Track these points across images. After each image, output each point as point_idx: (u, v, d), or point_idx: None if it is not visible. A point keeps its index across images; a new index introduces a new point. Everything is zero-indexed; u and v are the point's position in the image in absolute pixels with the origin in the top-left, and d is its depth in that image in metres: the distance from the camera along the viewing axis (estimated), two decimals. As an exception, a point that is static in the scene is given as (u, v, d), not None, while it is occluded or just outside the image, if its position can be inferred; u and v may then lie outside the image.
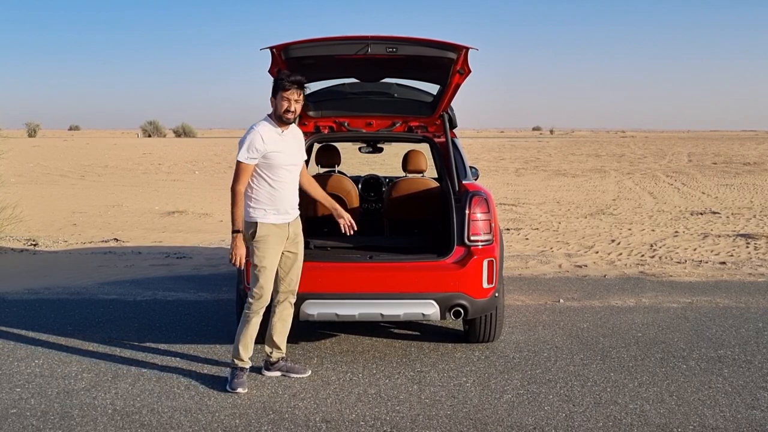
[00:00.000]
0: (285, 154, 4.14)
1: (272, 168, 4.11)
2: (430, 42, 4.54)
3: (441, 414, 3.80)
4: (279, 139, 4.14)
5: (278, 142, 4.12)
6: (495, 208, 4.78)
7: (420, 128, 5.45)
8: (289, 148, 4.19)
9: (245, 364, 4.20)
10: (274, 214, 4.15)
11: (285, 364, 4.38)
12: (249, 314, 4.17)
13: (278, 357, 4.37)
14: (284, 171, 4.16)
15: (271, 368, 4.37)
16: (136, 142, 55.65)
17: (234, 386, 4.11)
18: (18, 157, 24.98)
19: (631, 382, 4.27)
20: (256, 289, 4.14)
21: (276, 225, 4.15)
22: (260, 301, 4.15)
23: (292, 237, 4.25)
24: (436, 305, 4.40)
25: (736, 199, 15.11)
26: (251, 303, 4.16)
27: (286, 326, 4.37)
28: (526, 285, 6.98)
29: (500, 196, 15.44)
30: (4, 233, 9.64)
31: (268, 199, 4.13)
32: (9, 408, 3.87)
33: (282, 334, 4.36)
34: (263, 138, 4.06)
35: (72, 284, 6.97)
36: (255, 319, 4.19)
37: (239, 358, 4.18)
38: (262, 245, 4.11)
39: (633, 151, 39.07)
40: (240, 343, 4.18)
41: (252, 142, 4.05)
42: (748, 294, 6.61)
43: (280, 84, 4.10)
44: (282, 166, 4.14)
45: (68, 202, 14.69)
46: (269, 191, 4.13)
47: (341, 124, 5.43)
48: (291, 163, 4.20)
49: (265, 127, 4.13)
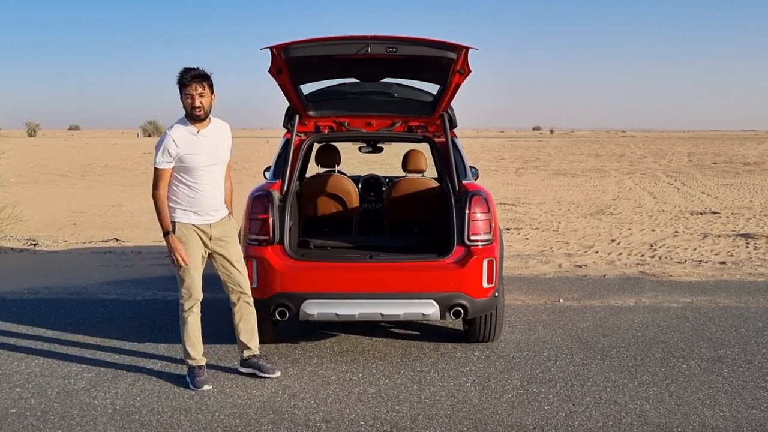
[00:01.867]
0: (201, 155, 4.08)
1: (189, 170, 4.08)
2: (430, 42, 4.53)
3: (441, 414, 3.80)
4: (194, 139, 4.08)
5: (193, 144, 4.07)
6: (495, 207, 4.78)
7: (420, 128, 5.46)
8: (206, 148, 4.11)
9: (200, 362, 4.23)
10: (194, 214, 4.14)
11: (256, 361, 4.38)
12: (184, 315, 4.21)
13: (249, 355, 4.40)
14: (201, 172, 4.11)
15: (242, 365, 4.41)
16: (136, 141, 55.64)
17: (197, 384, 4.14)
18: (18, 157, 24.97)
19: (631, 381, 4.27)
20: (183, 289, 4.17)
21: (195, 226, 4.14)
22: (190, 300, 4.18)
23: (216, 238, 4.21)
24: (436, 305, 4.40)
25: (736, 199, 15.11)
26: (182, 303, 4.19)
27: (250, 325, 4.37)
28: (526, 285, 6.98)
29: (500, 196, 15.44)
30: (4, 233, 9.64)
31: (186, 201, 4.12)
32: (9, 408, 3.87)
33: (248, 333, 4.37)
34: (176, 142, 4.02)
35: (72, 284, 6.97)
36: (191, 318, 4.21)
37: (191, 357, 4.22)
38: (183, 245, 4.11)
39: (633, 151, 39.08)
40: (186, 344, 4.22)
41: (166, 147, 4.01)
42: (748, 294, 6.61)
43: (180, 81, 4.04)
44: (199, 167, 4.09)
45: (68, 202, 14.69)
46: (187, 193, 4.11)
47: (341, 124, 5.43)
48: (209, 163, 4.13)
49: (179, 130, 4.08)
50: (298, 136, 5.26)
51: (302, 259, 4.61)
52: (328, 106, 5.47)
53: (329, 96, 5.49)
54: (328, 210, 5.66)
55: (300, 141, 5.22)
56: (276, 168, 5.11)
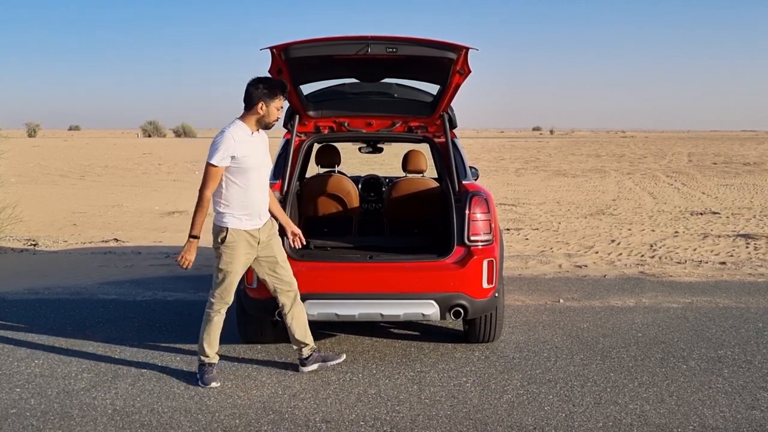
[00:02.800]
0: (254, 156, 4.12)
1: (242, 171, 4.08)
2: (430, 42, 4.53)
3: (441, 414, 3.80)
4: (249, 140, 4.12)
5: (248, 145, 4.10)
6: (495, 208, 4.78)
7: (420, 128, 5.46)
8: (258, 150, 4.17)
9: (212, 360, 4.25)
10: (247, 219, 4.13)
11: (319, 354, 4.42)
12: (211, 313, 4.21)
13: (310, 351, 4.40)
14: (253, 174, 4.13)
15: (307, 363, 4.41)
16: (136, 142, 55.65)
17: (206, 381, 4.15)
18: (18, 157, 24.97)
19: (631, 382, 4.27)
20: (219, 291, 4.17)
21: (248, 232, 4.14)
22: (222, 301, 4.20)
23: (264, 243, 4.22)
24: (436, 305, 4.40)
25: (736, 199, 15.11)
26: (213, 303, 4.20)
27: (302, 323, 4.38)
28: (526, 285, 6.98)
29: (500, 196, 15.44)
30: (4, 233, 9.64)
31: (239, 204, 4.10)
32: (9, 408, 3.87)
33: (302, 330, 4.37)
34: (235, 140, 4.03)
35: (72, 284, 6.97)
36: (217, 318, 4.22)
37: (205, 354, 4.23)
38: (231, 251, 4.10)
39: (633, 151, 39.08)
40: (204, 340, 4.22)
41: (225, 145, 4.00)
42: (748, 294, 6.61)
43: (278, 91, 4.10)
44: (252, 168, 4.11)
45: (68, 202, 14.69)
46: (240, 196, 4.10)
47: (341, 124, 5.43)
48: (259, 164, 4.17)
49: (237, 130, 4.09)
50: (298, 136, 5.26)
51: (302, 259, 4.61)
52: (328, 107, 5.47)
53: (329, 96, 5.49)
54: (328, 210, 5.67)
55: (300, 141, 5.22)
56: (276, 168, 5.11)
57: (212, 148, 4.03)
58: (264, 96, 4.08)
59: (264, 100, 4.08)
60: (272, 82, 4.15)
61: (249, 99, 4.10)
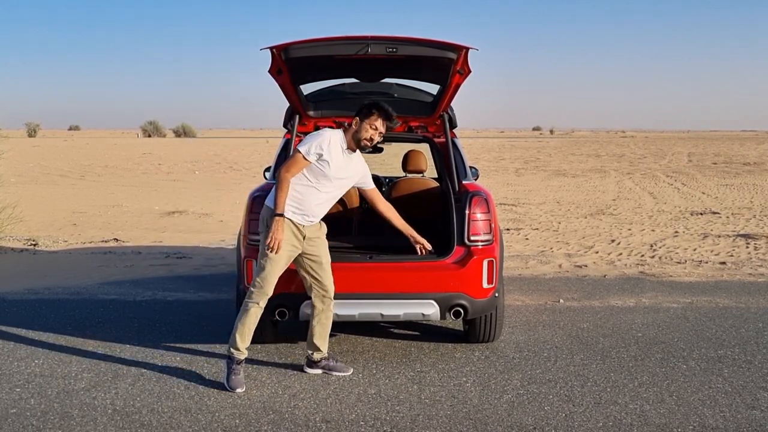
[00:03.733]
0: (338, 169, 4.18)
1: (318, 175, 4.15)
2: (430, 42, 4.53)
3: (441, 414, 3.80)
4: (340, 152, 4.20)
5: (337, 155, 4.18)
6: (495, 208, 4.78)
7: (420, 128, 5.45)
8: (344, 165, 4.24)
9: (241, 355, 4.19)
10: (294, 213, 4.16)
11: (327, 363, 4.41)
12: (249, 303, 4.17)
13: (320, 357, 4.39)
14: (326, 183, 4.19)
15: (314, 366, 4.40)
16: (136, 142, 55.66)
17: (233, 385, 4.10)
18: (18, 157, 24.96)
19: (631, 382, 4.27)
20: (259, 278, 4.13)
21: (294, 223, 4.16)
22: (261, 291, 4.14)
23: (309, 238, 4.24)
24: (436, 305, 4.40)
25: (736, 199, 15.11)
26: (252, 291, 4.16)
27: (325, 329, 4.37)
28: (526, 285, 6.98)
29: (500, 196, 15.44)
30: (4, 233, 9.64)
31: (295, 198, 4.15)
32: (9, 408, 3.87)
33: (322, 336, 4.36)
34: (330, 143, 4.14)
35: (72, 284, 6.97)
36: (254, 309, 4.17)
37: (236, 347, 4.17)
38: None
39: (633, 151, 39.09)
40: (237, 331, 4.17)
41: (320, 142, 4.12)
42: (748, 294, 6.61)
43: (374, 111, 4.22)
44: (329, 177, 4.17)
45: (68, 202, 14.69)
46: (301, 190, 4.15)
47: (341, 124, 5.42)
48: (337, 178, 4.22)
49: (336, 137, 4.21)
50: (298, 136, 5.26)
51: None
52: (328, 107, 5.47)
53: (329, 96, 5.48)
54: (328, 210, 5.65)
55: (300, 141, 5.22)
56: (276, 168, 5.11)
57: (307, 139, 4.17)
58: (360, 113, 4.25)
59: (359, 116, 4.25)
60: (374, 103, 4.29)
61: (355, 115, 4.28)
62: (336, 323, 4.97)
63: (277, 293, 4.40)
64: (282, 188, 4.09)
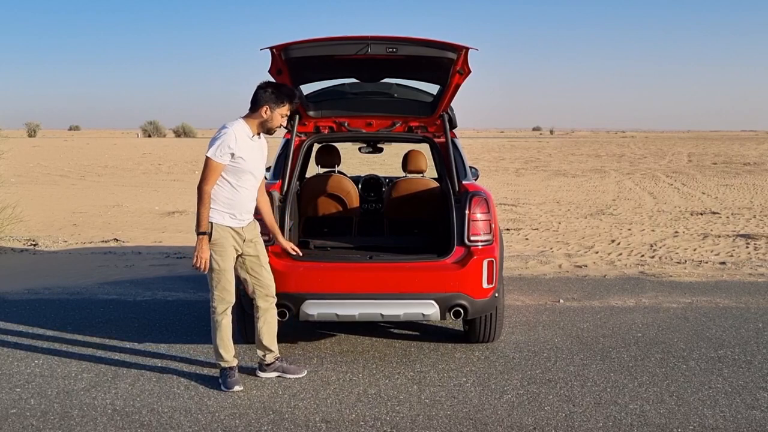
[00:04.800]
0: (251, 159, 4.09)
1: (237, 172, 4.04)
2: (430, 42, 4.53)
3: (441, 414, 3.80)
4: (249, 142, 4.08)
5: (247, 146, 4.06)
6: (495, 208, 4.77)
7: (420, 128, 5.45)
8: (256, 154, 4.15)
9: (232, 363, 4.20)
10: (230, 218, 4.09)
11: (281, 364, 4.37)
12: (216, 318, 4.14)
13: (273, 359, 4.36)
14: (249, 175, 4.11)
15: (267, 369, 4.36)
16: (136, 142, 55.64)
17: (229, 385, 4.11)
18: (18, 157, 24.97)
19: (631, 382, 4.27)
20: (217, 292, 4.11)
21: (232, 228, 4.10)
22: (223, 303, 4.13)
23: (249, 239, 4.20)
24: (436, 305, 4.39)
25: (736, 200, 15.11)
26: (216, 307, 4.12)
27: (272, 329, 4.34)
28: (526, 285, 6.98)
29: (500, 196, 15.44)
30: (4, 233, 9.64)
31: (226, 203, 4.07)
32: (9, 408, 3.87)
33: (270, 337, 4.33)
34: (237, 139, 4.00)
35: (72, 284, 6.97)
36: (225, 320, 4.15)
37: (222, 359, 4.18)
38: (219, 248, 4.05)
39: (633, 151, 39.08)
40: (219, 347, 4.16)
41: (226, 141, 3.96)
42: (748, 294, 6.61)
43: (286, 99, 4.06)
44: (248, 170, 4.08)
45: (68, 202, 14.69)
46: (229, 195, 4.06)
47: (341, 124, 5.43)
48: (255, 168, 4.14)
49: (240, 129, 4.06)
50: (298, 136, 5.26)
51: (302, 259, 4.61)
52: (328, 107, 5.47)
53: (329, 96, 5.49)
54: (328, 210, 5.66)
55: (300, 141, 5.22)
56: (276, 168, 5.11)
57: (212, 142, 4.00)
58: (270, 101, 4.05)
59: (269, 104, 4.06)
60: (282, 88, 4.12)
61: (255, 101, 4.08)
62: (336, 323, 4.98)
63: (277, 293, 4.40)
64: (204, 203, 3.97)
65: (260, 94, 4.06)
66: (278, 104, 4.07)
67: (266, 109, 4.06)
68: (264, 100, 4.05)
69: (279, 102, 4.06)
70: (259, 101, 4.07)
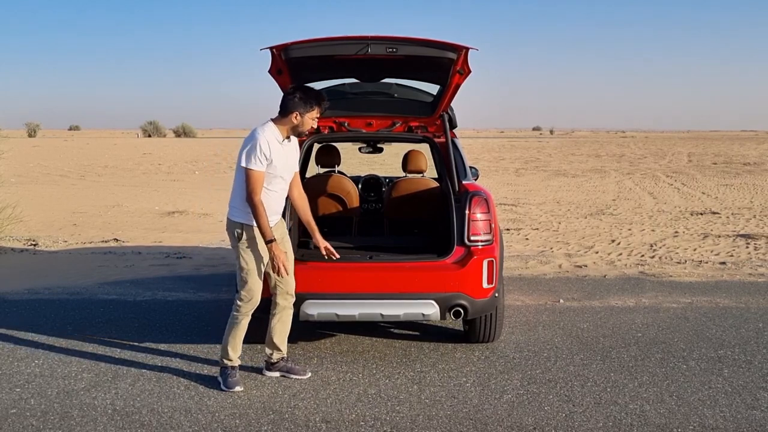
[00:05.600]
0: (282, 164, 4.11)
1: (269, 177, 4.06)
2: (430, 42, 4.54)
3: (441, 414, 3.80)
4: (281, 147, 4.10)
5: (280, 151, 4.08)
6: (495, 208, 4.78)
7: (420, 128, 5.45)
8: (288, 157, 4.16)
9: (235, 363, 4.21)
10: None
11: (285, 364, 4.38)
12: (238, 316, 4.15)
13: (279, 358, 4.37)
14: (279, 179, 4.13)
15: (272, 368, 4.37)
16: (136, 142, 55.64)
17: (230, 385, 4.12)
18: (18, 157, 24.97)
19: (631, 382, 4.27)
20: (245, 292, 4.12)
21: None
22: (250, 303, 4.14)
23: (278, 240, 4.19)
24: (436, 305, 4.40)
25: (736, 200, 15.11)
26: (240, 306, 4.14)
27: (286, 328, 4.36)
28: (526, 285, 6.98)
29: (500, 196, 15.44)
30: (4, 233, 9.64)
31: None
32: (9, 408, 3.87)
33: (282, 335, 4.35)
34: (269, 144, 4.01)
35: (72, 284, 6.97)
36: (244, 321, 4.17)
37: (228, 358, 4.18)
38: (250, 247, 4.07)
39: (633, 151, 39.08)
40: (229, 344, 4.17)
41: (260, 150, 3.97)
42: (748, 294, 6.61)
43: (314, 102, 4.08)
44: (279, 174, 4.10)
45: (68, 202, 14.69)
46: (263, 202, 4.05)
47: (341, 124, 5.43)
48: (286, 171, 4.17)
49: (270, 133, 4.06)
50: (298, 136, 5.26)
51: (302, 259, 4.61)
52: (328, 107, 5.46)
53: (329, 96, 5.48)
54: (328, 210, 5.66)
55: (300, 141, 5.22)
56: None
57: (247, 151, 3.98)
58: (299, 106, 4.06)
59: (299, 110, 4.06)
60: (309, 92, 4.12)
61: (284, 107, 4.09)
62: (336, 323, 4.98)
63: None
64: (260, 213, 3.97)
65: (289, 100, 4.07)
66: (307, 109, 4.09)
67: (296, 115, 4.08)
68: (293, 105, 4.06)
69: (308, 106, 4.08)
70: (288, 107, 4.07)
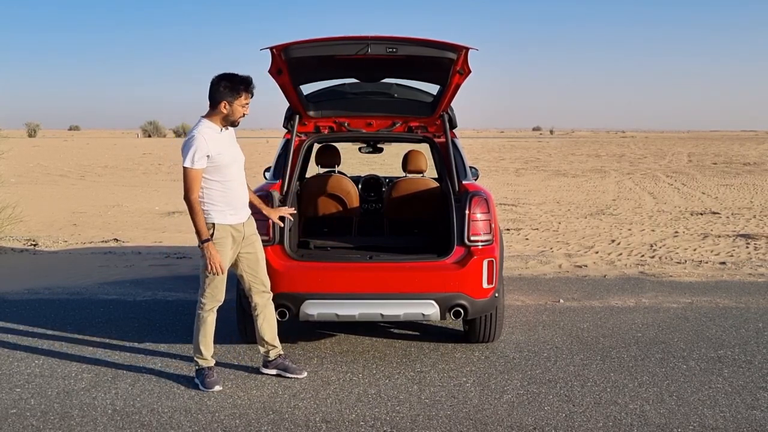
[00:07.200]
0: (227, 153, 4.08)
1: (219, 168, 4.04)
2: (430, 42, 4.53)
3: (441, 414, 3.80)
4: (219, 137, 4.06)
5: (219, 142, 4.05)
6: (495, 208, 4.78)
7: (420, 128, 5.45)
8: (229, 146, 4.13)
9: (210, 362, 4.21)
10: (231, 214, 4.10)
11: (282, 362, 4.38)
12: (202, 315, 4.15)
13: (276, 354, 4.37)
14: (233, 166, 4.12)
15: (269, 366, 4.37)
16: (136, 142, 55.64)
17: (208, 385, 4.12)
18: (18, 157, 24.97)
19: (631, 382, 4.27)
20: (208, 291, 4.11)
21: (233, 226, 4.11)
22: (213, 301, 4.15)
23: (248, 237, 4.20)
24: (436, 305, 4.40)
25: (736, 200, 15.11)
26: (204, 304, 4.14)
27: (273, 324, 4.35)
28: (526, 285, 6.98)
29: (500, 196, 15.44)
30: (4, 233, 9.64)
31: (222, 200, 4.07)
32: (9, 408, 3.87)
33: (272, 332, 4.34)
34: (207, 140, 3.98)
35: (72, 284, 6.97)
36: (210, 318, 4.17)
37: (203, 357, 4.18)
38: (219, 247, 4.05)
39: (633, 151, 39.07)
40: (200, 343, 4.17)
41: (198, 146, 3.94)
42: (748, 294, 6.61)
43: (242, 89, 4.00)
44: (230, 162, 4.08)
45: (68, 202, 14.69)
46: (221, 191, 4.06)
47: (341, 124, 5.43)
48: (234, 160, 4.14)
49: (207, 129, 4.03)
50: (298, 136, 5.26)
51: (302, 259, 4.61)
52: (328, 107, 5.47)
53: (329, 96, 5.49)
54: (328, 210, 5.67)
55: (300, 141, 5.22)
56: (276, 168, 5.11)
57: (185, 151, 3.98)
58: (226, 95, 4.00)
59: (227, 99, 4.01)
60: (235, 79, 4.03)
61: (212, 97, 4.03)
62: (336, 323, 4.98)
63: (277, 293, 4.41)
64: (196, 212, 3.97)
65: (215, 91, 4.01)
66: (235, 96, 4.02)
67: (225, 105, 4.02)
68: (220, 95, 4.00)
69: (235, 94, 4.01)
70: (215, 98, 4.02)
